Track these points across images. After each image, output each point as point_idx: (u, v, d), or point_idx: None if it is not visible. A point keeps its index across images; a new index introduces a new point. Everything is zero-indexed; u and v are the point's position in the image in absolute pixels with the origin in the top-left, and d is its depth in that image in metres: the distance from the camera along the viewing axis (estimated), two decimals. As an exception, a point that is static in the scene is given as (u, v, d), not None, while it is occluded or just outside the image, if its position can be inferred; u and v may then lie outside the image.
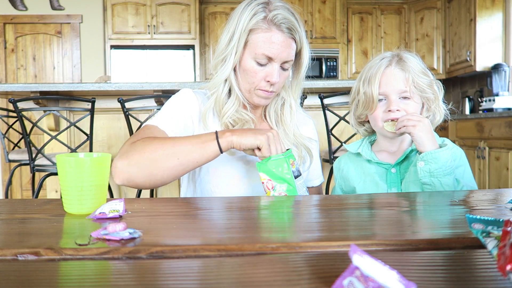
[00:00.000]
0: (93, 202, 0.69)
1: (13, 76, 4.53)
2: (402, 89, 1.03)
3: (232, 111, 1.05)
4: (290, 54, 1.01)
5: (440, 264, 0.44)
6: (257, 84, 1.02)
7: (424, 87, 1.04)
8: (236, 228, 0.59)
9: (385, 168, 1.09)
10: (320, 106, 2.21)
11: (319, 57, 4.74)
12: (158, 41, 4.52)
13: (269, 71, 1.00)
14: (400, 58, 1.06)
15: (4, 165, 4.44)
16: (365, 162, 1.12)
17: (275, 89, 1.04)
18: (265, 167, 0.91)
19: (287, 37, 0.99)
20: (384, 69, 1.05)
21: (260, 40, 0.98)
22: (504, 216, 0.63)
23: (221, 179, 1.05)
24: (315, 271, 0.41)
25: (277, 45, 0.98)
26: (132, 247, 0.49)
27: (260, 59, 0.99)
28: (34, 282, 0.40)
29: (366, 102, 1.07)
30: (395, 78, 1.04)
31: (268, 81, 1.01)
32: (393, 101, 1.03)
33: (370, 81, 1.05)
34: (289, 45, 1.00)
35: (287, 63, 1.02)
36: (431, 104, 1.07)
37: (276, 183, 0.91)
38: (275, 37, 0.98)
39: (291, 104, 1.11)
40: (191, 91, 1.10)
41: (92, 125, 2.09)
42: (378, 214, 0.68)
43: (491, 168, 3.34)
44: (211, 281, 0.40)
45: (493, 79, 3.96)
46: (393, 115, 1.03)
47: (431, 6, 4.80)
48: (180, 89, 1.14)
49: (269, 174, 0.91)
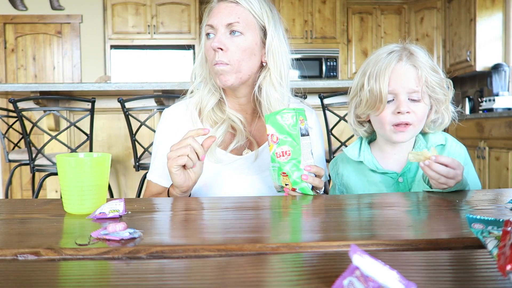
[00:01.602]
0: (93, 202, 0.69)
1: (13, 76, 4.53)
2: (413, 89, 0.93)
3: (211, 105, 1.05)
4: (233, 16, 0.98)
5: (440, 264, 0.44)
6: (210, 59, 1.01)
7: (435, 86, 0.95)
8: (236, 228, 0.59)
9: (391, 177, 0.99)
10: (320, 106, 2.21)
11: (319, 57, 4.74)
12: (158, 41, 4.52)
13: (214, 38, 1.00)
14: (410, 52, 0.96)
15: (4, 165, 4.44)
16: (368, 170, 1.02)
17: (226, 59, 0.98)
18: (273, 119, 0.88)
19: (228, 3, 1.01)
20: (395, 64, 0.94)
21: (208, 17, 1.03)
22: (504, 216, 0.63)
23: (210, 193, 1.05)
24: (315, 271, 0.41)
25: (217, 12, 1.01)
26: (132, 247, 0.49)
27: (206, 31, 1.02)
28: (34, 282, 0.40)
29: (372, 101, 0.95)
30: (406, 76, 0.93)
31: (214, 50, 0.98)
32: (403, 101, 0.93)
33: (378, 77, 0.94)
34: (231, 9, 1.00)
35: (233, 26, 0.98)
36: (441, 106, 0.98)
37: (281, 136, 0.87)
38: (215, 7, 1.02)
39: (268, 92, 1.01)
40: (170, 111, 1.11)
41: (92, 125, 2.09)
42: (378, 214, 0.68)
43: (491, 168, 3.34)
44: (211, 281, 0.40)
45: (493, 79, 3.96)
46: (403, 117, 0.93)
47: (431, 6, 4.80)
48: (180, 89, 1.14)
49: (275, 127, 0.88)
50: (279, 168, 0.88)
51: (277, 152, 0.88)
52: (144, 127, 2.04)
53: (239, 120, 1.05)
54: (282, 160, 0.87)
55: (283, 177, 0.88)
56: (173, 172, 0.88)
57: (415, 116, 0.94)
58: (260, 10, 1.01)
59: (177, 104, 1.12)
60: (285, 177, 0.88)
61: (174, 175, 0.88)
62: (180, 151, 0.86)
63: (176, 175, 0.88)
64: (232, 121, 1.05)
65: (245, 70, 1.01)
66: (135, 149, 2.08)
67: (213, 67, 0.99)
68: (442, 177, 0.81)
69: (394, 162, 1.01)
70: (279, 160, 0.88)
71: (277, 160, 0.88)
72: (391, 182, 1.00)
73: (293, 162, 0.87)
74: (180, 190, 0.91)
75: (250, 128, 1.09)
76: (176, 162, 0.86)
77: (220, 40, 0.98)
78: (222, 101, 1.08)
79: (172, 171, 0.88)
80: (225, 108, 1.06)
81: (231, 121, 1.05)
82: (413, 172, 0.99)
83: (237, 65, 0.99)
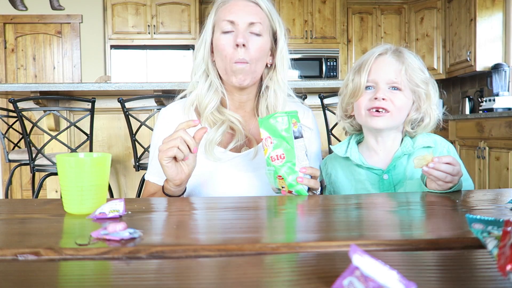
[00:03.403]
0: (93, 202, 0.69)
1: (13, 76, 4.53)
2: (392, 80, 0.97)
3: (213, 105, 1.04)
4: (255, 16, 1.00)
5: (440, 264, 0.44)
6: (229, 56, 0.99)
7: (418, 82, 0.98)
8: (236, 228, 0.59)
9: (376, 174, 1.02)
10: (320, 106, 2.21)
11: (319, 57, 4.74)
12: (158, 41, 4.52)
13: (235, 34, 0.99)
14: (398, 50, 1.00)
15: (4, 165, 4.44)
16: (355, 167, 1.04)
17: (247, 57, 0.98)
18: (267, 123, 0.89)
19: (248, 1, 1.01)
20: (377, 56, 0.99)
21: (222, 12, 1.01)
22: (504, 216, 0.63)
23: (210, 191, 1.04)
24: (315, 271, 0.41)
25: (237, 8, 1.00)
26: (132, 247, 0.49)
27: (224, 27, 1.00)
28: (34, 282, 0.40)
29: (353, 89, 1.00)
30: (387, 67, 0.98)
31: (237, 45, 0.98)
32: (381, 89, 0.97)
33: (360, 68, 0.99)
34: (252, 8, 1.01)
35: (255, 26, 0.99)
36: (422, 104, 1.00)
37: (276, 140, 0.88)
38: (234, 3, 1.01)
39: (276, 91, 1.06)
40: (167, 110, 1.10)
41: (92, 125, 2.09)
42: (378, 214, 0.68)
43: (491, 168, 3.34)
44: (211, 281, 0.40)
45: (493, 79, 3.96)
46: (378, 103, 0.96)
47: (431, 6, 4.80)
48: (180, 89, 1.14)
49: (269, 131, 0.88)
50: (275, 172, 0.89)
51: (272, 156, 0.88)
52: (144, 127, 2.04)
53: (237, 121, 1.05)
54: (277, 163, 0.88)
55: (279, 180, 0.89)
56: (164, 164, 0.88)
57: (392, 104, 0.97)
58: (275, 15, 1.04)
59: (174, 104, 1.12)
60: (281, 180, 0.88)
61: (166, 167, 0.88)
62: (170, 143, 0.86)
63: (167, 167, 0.88)
64: (230, 122, 1.05)
65: (259, 70, 1.04)
66: (135, 149, 2.08)
67: (232, 65, 0.99)
68: (449, 176, 0.82)
69: (379, 159, 1.03)
70: (274, 163, 0.88)
71: (272, 163, 0.88)
72: (376, 179, 1.02)
73: (288, 165, 0.87)
74: (173, 183, 0.91)
75: (249, 126, 1.10)
76: (166, 154, 0.86)
77: (245, 37, 0.98)
78: (222, 100, 1.08)
79: (163, 164, 0.88)
80: (223, 109, 1.06)
81: (230, 122, 1.05)
82: (399, 170, 1.01)
83: (254, 65, 1.01)
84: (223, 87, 1.06)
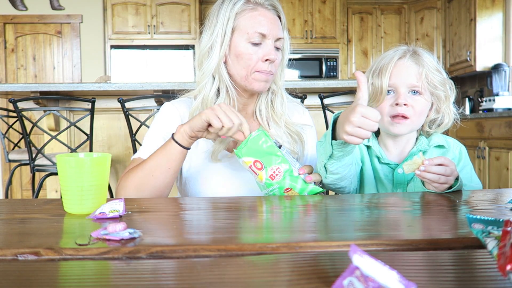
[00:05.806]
0: (93, 202, 0.69)
1: (13, 76, 4.53)
2: (413, 84, 0.98)
3: None
4: (280, 32, 1.03)
5: (440, 264, 0.44)
6: (253, 66, 1.00)
7: (437, 84, 0.99)
8: (236, 228, 0.59)
9: (391, 167, 1.03)
10: (320, 106, 2.21)
11: (319, 57, 4.74)
12: (158, 41, 4.52)
13: (266, 49, 1.00)
14: (415, 52, 1.01)
15: (4, 165, 4.44)
16: (374, 157, 1.06)
17: (273, 70, 1.02)
18: (246, 149, 0.87)
19: (274, 14, 1.02)
20: (397, 60, 1.00)
21: (250, 20, 0.99)
22: (504, 216, 0.63)
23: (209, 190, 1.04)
24: (315, 271, 0.41)
25: (267, 21, 1.00)
26: (132, 247, 0.49)
27: (254, 38, 0.99)
28: (34, 282, 0.40)
29: (374, 94, 1.00)
30: (407, 71, 0.98)
31: (267, 60, 1.00)
32: (402, 94, 0.97)
33: (380, 72, 1.00)
34: (277, 22, 1.02)
35: (279, 41, 1.03)
36: (441, 105, 1.01)
37: (264, 160, 0.87)
38: (263, 14, 1.00)
39: (282, 95, 1.10)
40: (171, 105, 1.09)
41: (92, 125, 2.09)
42: (378, 214, 0.68)
43: (491, 168, 3.34)
44: (211, 281, 0.40)
45: (493, 79, 3.96)
46: (400, 109, 0.97)
47: (431, 6, 4.80)
48: (180, 89, 1.14)
49: (253, 155, 0.87)
50: (280, 188, 0.88)
51: (270, 175, 0.87)
52: (144, 127, 2.04)
53: None
54: (278, 179, 0.87)
55: (287, 192, 0.88)
56: (203, 118, 0.88)
57: (412, 109, 0.98)
58: (284, 20, 1.06)
59: (179, 100, 1.12)
60: (289, 192, 0.88)
61: (199, 120, 0.88)
62: (232, 115, 0.87)
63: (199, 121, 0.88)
64: None
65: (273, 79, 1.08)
66: (135, 149, 2.08)
67: (256, 74, 1.01)
68: (442, 177, 0.83)
69: (393, 155, 1.05)
70: (276, 181, 0.87)
71: (274, 182, 0.88)
72: (390, 172, 1.03)
73: (288, 174, 0.88)
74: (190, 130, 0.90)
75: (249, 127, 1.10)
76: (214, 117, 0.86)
77: (276, 54, 1.01)
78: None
79: (202, 118, 0.88)
80: None
81: None
82: None
83: (274, 75, 1.06)
84: (235, 90, 1.05)
